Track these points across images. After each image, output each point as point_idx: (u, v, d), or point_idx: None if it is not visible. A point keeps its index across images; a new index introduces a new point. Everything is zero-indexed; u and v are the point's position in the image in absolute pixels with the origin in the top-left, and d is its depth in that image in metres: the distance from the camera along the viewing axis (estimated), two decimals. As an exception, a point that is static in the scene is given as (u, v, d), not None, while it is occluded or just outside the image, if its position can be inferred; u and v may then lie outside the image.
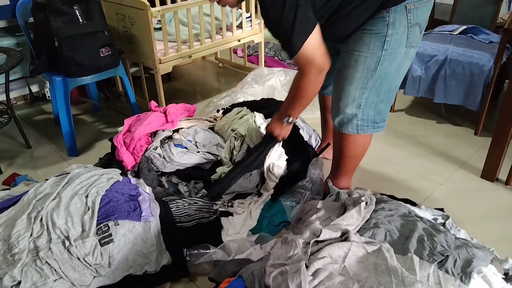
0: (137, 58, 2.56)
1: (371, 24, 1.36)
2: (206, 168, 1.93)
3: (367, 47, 1.39)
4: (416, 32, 1.39)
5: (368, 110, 1.50)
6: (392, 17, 1.33)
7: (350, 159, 1.66)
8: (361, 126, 1.53)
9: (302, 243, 1.29)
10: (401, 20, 1.34)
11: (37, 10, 2.05)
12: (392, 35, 1.35)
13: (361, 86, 1.45)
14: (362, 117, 1.51)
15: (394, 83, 1.49)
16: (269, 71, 2.75)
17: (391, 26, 1.34)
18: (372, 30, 1.36)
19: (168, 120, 2.06)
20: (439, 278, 1.17)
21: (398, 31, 1.35)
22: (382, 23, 1.34)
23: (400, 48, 1.39)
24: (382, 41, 1.36)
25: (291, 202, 1.71)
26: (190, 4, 2.46)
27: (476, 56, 2.25)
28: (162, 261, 1.46)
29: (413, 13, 1.34)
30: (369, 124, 1.53)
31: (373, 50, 1.38)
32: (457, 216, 1.62)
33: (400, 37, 1.37)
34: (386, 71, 1.42)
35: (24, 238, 1.36)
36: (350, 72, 1.45)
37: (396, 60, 1.41)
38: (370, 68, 1.41)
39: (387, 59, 1.39)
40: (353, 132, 1.54)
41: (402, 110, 2.69)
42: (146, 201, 1.56)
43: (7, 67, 2.03)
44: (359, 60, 1.42)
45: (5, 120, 2.22)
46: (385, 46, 1.37)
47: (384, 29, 1.35)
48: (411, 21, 1.35)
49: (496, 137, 1.89)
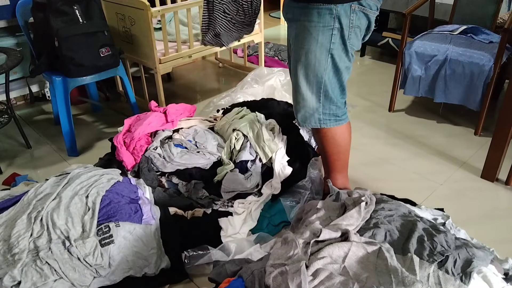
0: (137, 58, 2.56)
1: (317, 16, 1.38)
2: (206, 168, 1.93)
3: (315, 41, 1.41)
4: (356, 35, 1.43)
5: (329, 104, 1.52)
6: (338, 12, 1.36)
7: (335, 155, 1.66)
8: (324, 120, 1.54)
9: (302, 243, 1.29)
10: (345, 18, 1.37)
11: (37, 10, 2.05)
12: (338, 29, 1.38)
13: (316, 80, 1.47)
14: (323, 111, 1.52)
15: (344, 78, 1.51)
16: (269, 71, 2.75)
17: (337, 20, 1.37)
18: (319, 22, 1.38)
19: (168, 120, 2.06)
20: (439, 278, 1.17)
21: (343, 27, 1.38)
22: (329, 16, 1.36)
23: (344, 44, 1.42)
24: (330, 34, 1.39)
25: (291, 202, 1.72)
26: (190, 4, 2.46)
27: (476, 56, 2.25)
28: (161, 265, 1.46)
29: (357, 15, 1.38)
30: (331, 117, 1.55)
31: (322, 42, 1.40)
32: (457, 216, 1.62)
33: (344, 33, 1.40)
34: (336, 66, 1.45)
35: (24, 238, 1.36)
36: (303, 68, 1.46)
37: (342, 56, 1.44)
38: (322, 62, 1.43)
39: (335, 53, 1.42)
40: (316, 126, 1.56)
41: (402, 110, 2.69)
42: (147, 204, 1.56)
43: (7, 67, 2.03)
44: (309, 55, 1.43)
45: (5, 120, 2.22)
46: (333, 39, 1.40)
47: (331, 22, 1.37)
48: (353, 23, 1.39)
49: (496, 137, 1.89)
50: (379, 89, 2.96)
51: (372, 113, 2.65)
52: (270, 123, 2.03)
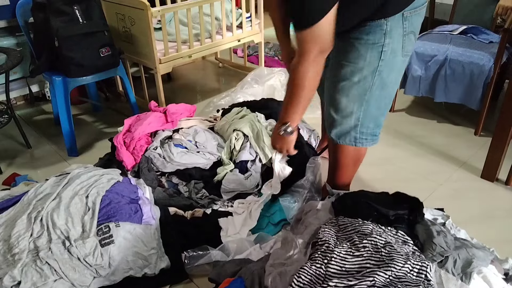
0: (137, 58, 2.56)
1: (366, 33, 1.29)
2: (206, 168, 1.93)
3: (363, 58, 1.32)
4: (411, 41, 1.35)
5: (368, 123, 1.44)
6: (389, 26, 1.27)
7: (346, 167, 1.61)
8: (360, 139, 1.47)
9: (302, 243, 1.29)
10: (397, 28, 1.28)
11: (37, 10, 2.05)
12: (389, 44, 1.29)
13: (358, 98, 1.38)
14: (361, 130, 1.45)
15: (391, 94, 1.44)
16: (269, 71, 2.75)
17: (388, 35, 1.28)
18: (368, 40, 1.29)
19: (168, 120, 2.06)
20: (440, 277, 1.17)
21: (394, 40, 1.30)
22: (380, 32, 1.27)
23: (397, 57, 1.34)
24: (379, 51, 1.30)
25: (290, 202, 1.72)
26: (190, 4, 2.46)
27: (476, 56, 2.25)
28: (161, 265, 1.46)
29: (409, 21, 1.29)
30: (368, 137, 1.48)
31: (370, 61, 1.31)
32: (457, 216, 1.61)
33: (396, 46, 1.31)
34: (384, 82, 1.36)
35: (24, 238, 1.36)
36: (345, 84, 1.37)
37: (393, 70, 1.36)
38: (367, 80, 1.35)
39: (384, 69, 1.33)
40: (351, 144, 1.48)
41: (402, 110, 2.69)
42: (147, 204, 1.56)
43: (7, 67, 2.03)
44: (355, 72, 1.34)
45: (5, 120, 2.22)
46: (382, 57, 1.31)
47: (381, 39, 1.28)
48: (406, 30, 1.30)
49: (496, 137, 1.89)
50: (379, 89, 2.96)
51: (372, 113, 2.64)
52: (270, 123, 2.03)
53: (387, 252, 1.18)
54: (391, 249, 1.19)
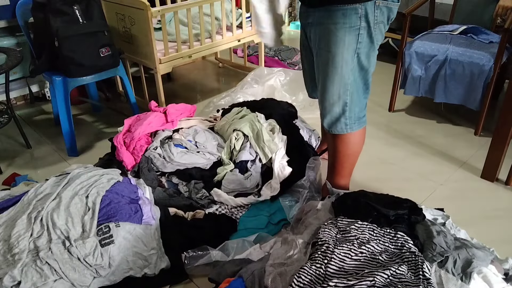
0: (137, 58, 2.56)
1: (343, 17, 1.37)
2: (206, 168, 1.93)
3: (342, 42, 1.39)
4: (381, 31, 1.43)
5: (354, 107, 1.51)
6: (364, 10, 1.35)
7: (346, 157, 1.65)
8: (350, 125, 1.54)
9: (302, 243, 1.29)
10: (370, 15, 1.37)
11: (37, 10, 2.05)
12: (365, 28, 1.38)
13: (344, 82, 1.46)
14: (349, 115, 1.52)
15: (370, 77, 1.51)
16: (269, 71, 2.75)
17: (363, 19, 1.37)
18: (345, 23, 1.37)
19: (168, 120, 2.06)
20: (440, 277, 1.17)
21: (368, 25, 1.38)
22: (355, 16, 1.36)
23: (370, 42, 1.42)
24: (356, 34, 1.38)
25: (290, 202, 1.72)
26: (190, 4, 2.46)
27: (476, 56, 2.25)
28: (161, 265, 1.46)
29: (380, 10, 1.38)
30: (356, 121, 1.54)
31: (349, 43, 1.39)
32: (457, 216, 1.62)
33: (369, 31, 1.40)
34: (363, 64, 1.45)
35: (24, 238, 1.36)
36: (330, 71, 1.45)
37: (370, 53, 1.44)
38: (348, 63, 1.42)
39: (362, 52, 1.42)
40: (342, 131, 1.55)
41: (402, 110, 2.69)
42: (147, 204, 1.56)
43: (7, 67, 2.03)
44: (336, 57, 1.42)
45: (5, 120, 2.22)
46: (359, 39, 1.39)
47: (357, 22, 1.37)
48: (378, 19, 1.39)
49: (496, 137, 1.89)
50: (379, 89, 2.96)
51: (372, 113, 2.64)
52: (270, 123, 2.03)
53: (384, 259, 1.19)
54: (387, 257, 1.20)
